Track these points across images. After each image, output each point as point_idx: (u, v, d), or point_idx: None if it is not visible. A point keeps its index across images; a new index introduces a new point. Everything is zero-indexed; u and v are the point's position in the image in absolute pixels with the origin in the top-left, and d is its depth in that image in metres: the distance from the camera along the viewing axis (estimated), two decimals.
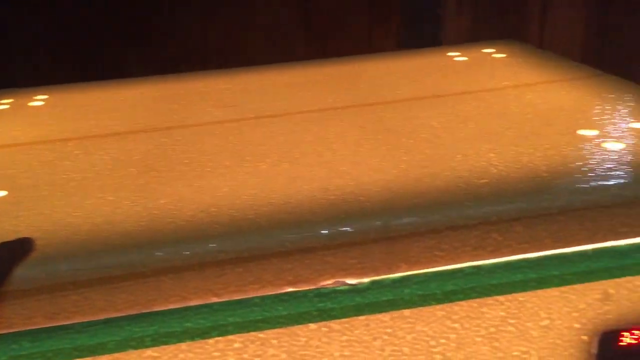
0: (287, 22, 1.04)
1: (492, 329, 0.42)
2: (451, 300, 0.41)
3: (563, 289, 0.41)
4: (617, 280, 0.42)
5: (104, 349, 0.37)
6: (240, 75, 0.72)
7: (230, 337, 0.39)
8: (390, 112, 0.57)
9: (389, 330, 0.41)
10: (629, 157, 0.43)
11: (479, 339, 0.42)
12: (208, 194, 0.43)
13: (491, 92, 0.60)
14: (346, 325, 0.40)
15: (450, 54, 0.74)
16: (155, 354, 0.38)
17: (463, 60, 0.71)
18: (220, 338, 0.39)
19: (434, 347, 0.41)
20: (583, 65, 0.66)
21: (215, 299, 0.38)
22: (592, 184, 0.41)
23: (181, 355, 0.38)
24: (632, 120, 0.50)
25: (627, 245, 0.41)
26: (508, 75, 0.64)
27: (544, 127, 0.50)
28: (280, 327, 0.39)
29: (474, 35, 1.02)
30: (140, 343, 0.38)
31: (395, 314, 0.40)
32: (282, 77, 0.70)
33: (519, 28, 1.03)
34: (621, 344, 0.44)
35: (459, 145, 0.48)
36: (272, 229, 0.38)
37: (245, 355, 0.39)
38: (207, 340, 0.39)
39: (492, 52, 0.74)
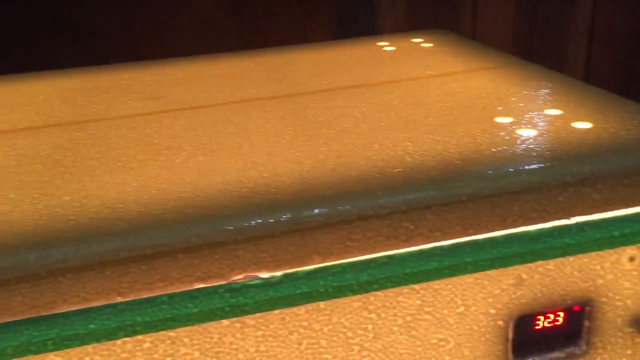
0: (217, 13, 1.02)
1: (409, 318, 0.42)
2: (367, 291, 0.40)
3: (477, 275, 0.42)
4: (530, 265, 0.42)
5: (2, 356, 0.35)
6: (165, 67, 0.70)
7: (139, 337, 0.37)
8: (313, 103, 0.56)
9: (304, 324, 0.40)
10: (541, 144, 0.44)
11: (396, 329, 0.42)
12: (115, 190, 0.41)
13: (415, 81, 0.60)
14: (260, 320, 0.39)
15: (379, 43, 0.74)
16: (59, 358, 0.36)
17: (391, 50, 0.71)
18: (128, 339, 0.37)
19: (352, 338, 0.41)
20: (507, 54, 0.67)
21: (120, 299, 0.36)
22: (503, 170, 0.41)
23: (87, 358, 0.37)
24: (548, 107, 0.51)
25: (537, 230, 0.42)
26: (433, 64, 0.65)
27: (461, 115, 0.50)
28: (192, 324, 0.38)
29: (409, 25, 1.03)
30: (41, 347, 0.36)
31: (311, 306, 0.40)
32: (208, 69, 0.68)
33: (453, 18, 1.04)
34: (537, 327, 0.45)
35: (377, 135, 0.48)
36: (178, 224, 0.37)
37: (156, 355, 0.38)
38: (114, 341, 0.37)
39: (420, 42, 0.74)
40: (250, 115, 0.54)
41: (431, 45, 0.72)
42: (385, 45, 0.73)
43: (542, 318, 0.44)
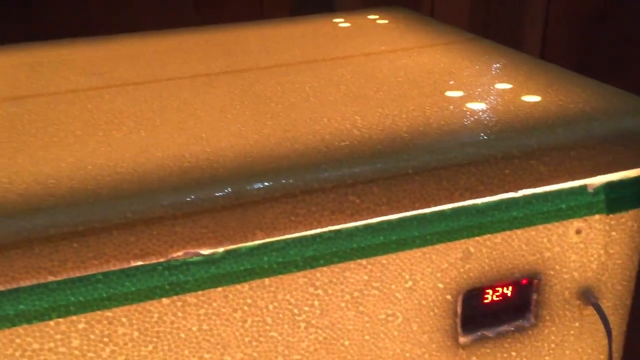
0: None
1: (357, 294, 0.41)
2: (312, 267, 0.40)
3: (425, 249, 0.41)
4: (477, 238, 0.42)
5: None
6: (112, 43, 0.67)
7: (73, 317, 0.36)
8: (263, 78, 0.54)
9: (249, 301, 0.39)
10: (489, 117, 0.44)
11: (343, 305, 0.41)
12: (49, 165, 0.39)
13: (368, 57, 0.59)
14: (202, 298, 0.38)
15: (335, 20, 0.73)
16: None
17: (346, 27, 0.70)
18: (61, 319, 0.36)
19: (298, 315, 0.40)
20: (462, 30, 0.67)
21: (51, 278, 0.35)
22: (449, 143, 0.40)
23: (18, 341, 0.35)
24: (498, 81, 0.51)
25: (485, 203, 0.41)
26: (387, 40, 0.64)
27: (412, 90, 0.49)
28: (129, 303, 0.37)
29: (368, 3, 1.01)
30: None
31: (255, 283, 0.39)
32: (157, 44, 0.66)
33: None
34: (485, 301, 0.45)
35: (327, 109, 0.47)
36: (113, 199, 0.35)
37: (92, 336, 0.37)
38: (47, 322, 0.36)
39: (376, 19, 0.73)
40: (198, 90, 0.52)
41: (386, 21, 0.71)
42: (341, 22, 0.72)
43: (490, 292, 0.44)
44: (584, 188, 0.43)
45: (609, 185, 0.43)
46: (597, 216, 0.44)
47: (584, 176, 0.43)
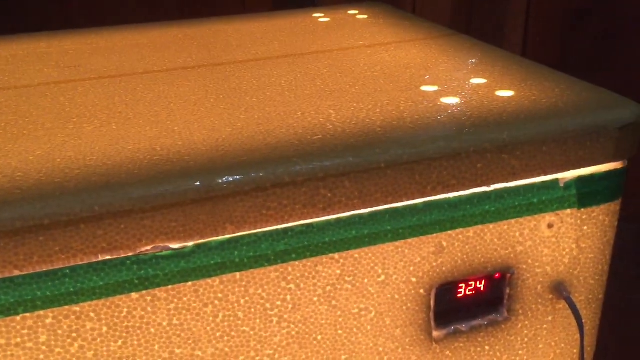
0: None
1: (329, 288, 0.41)
2: (284, 261, 0.39)
3: (397, 243, 0.41)
4: (450, 232, 0.42)
5: None
6: (88, 36, 0.66)
7: (40, 312, 0.35)
8: (240, 72, 0.54)
9: (220, 295, 0.39)
10: (462, 111, 0.44)
11: (316, 299, 0.41)
12: (17, 159, 0.39)
13: (345, 51, 0.59)
14: (173, 292, 0.38)
15: (315, 15, 0.73)
16: None
17: (325, 21, 0.70)
18: (28, 314, 0.35)
19: (270, 309, 0.40)
20: (441, 26, 0.67)
21: (17, 272, 0.34)
22: (422, 137, 0.40)
23: None
24: (473, 76, 0.51)
25: (457, 197, 0.42)
26: (366, 35, 0.64)
27: (387, 84, 0.49)
28: (98, 298, 0.36)
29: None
30: None
31: (226, 277, 0.38)
32: (133, 38, 0.66)
33: None
34: (458, 295, 0.45)
35: (301, 103, 0.46)
36: (81, 192, 0.35)
37: (60, 331, 0.36)
38: (13, 317, 0.35)
39: (356, 14, 0.73)
40: (173, 84, 0.52)
41: (366, 16, 0.71)
42: (320, 17, 0.72)
43: (463, 286, 0.44)
44: (555, 182, 0.43)
45: (581, 180, 0.44)
46: (568, 210, 0.44)
47: (556, 171, 0.43)
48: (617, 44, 1.05)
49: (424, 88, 0.48)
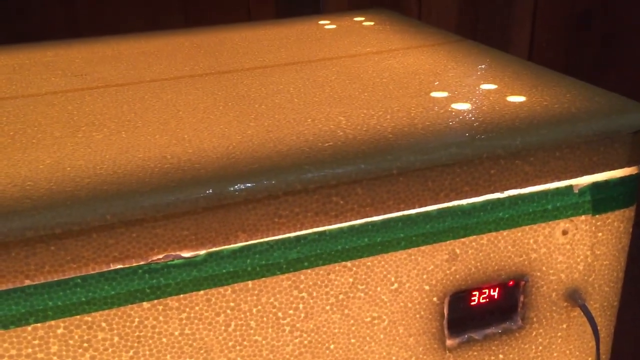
0: None
1: (342, 296, 0.41)
2: (297, 269, 0.39)
3: (410, 251, 0.41)
4: (463, 240, 0.42)
5: None
6: (94, 44, 0.66)
7: (52, 322, 0.35)
8: (247, 79, 0.54)
9: (232, 304, 0.38)
10: (474, 117, 0.43)
11: (328, 308, 0.40)
12: (26, 167, 0.38)
13: (353, 58, 0.58)
14: (184, 301, 0.37)
15: (321, 22, 0.73)
16: None
17: (332, 28, 0.70)
18: (39, 324, 0.35)
19: (282, 318, 0.40)
20: (447, 32, 0.67)
21: (28, 282, 0.34)
22: (434, 143, 0.40)
23: None
24: (483, 82, 0.50)
25: (470, 204, 0.41)
26: (373, 42, 0.64)
27: (397, 90, 0.49)
28: (109, 308, 0.36)
29: (354, 6, 1.01)
30: None
31: (238, 286, 0.38)
32: (140, 46, 0.65)
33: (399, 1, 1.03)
34: (472, 303, 0.44)
35: (311, 110, 0.46)
36: (92, 201, 0.34)
37: (71, 342, 0.36)
38: (24, 327, 0.35)
39: (362, 20, 0.73)
40: (181, 92, 0.52)
41: (372, 23, 0.71)
42: (327, 24, 0.72)
43: (477, 294, 0.44)
44: (569, 188, 0.43)
45: (595, 186, 0.43)
46: (583, 217, 0.44)
47: (570, 176, 0.43)
48: (623, 47, 1.05)
49: (434, 94, 0.48)
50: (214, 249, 0.37)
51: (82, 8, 1.00)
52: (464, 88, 0.49)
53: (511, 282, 0.44)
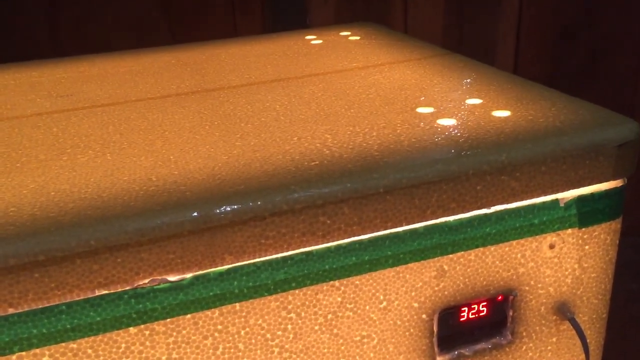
0: (146, 10, 0.99)
1: (330, 316, 0.40)
2: (284, 290, 0.39)
3: (398, 268, 0.41)
4: (451, 256, 0.42)
5: None
6: (79, 64, 0.66)
7: (36, 350, 0.35)
8: (234, 97, 0.54)
9: (220, 327, 0.38)
10: (460, 133, 0.44)
11: (317, 328, 0.40)
12: (10, 192, 0.38)
13: (339, 74, 0.58)
14: (171, 325, 0.37)
15: (307, 37, 0.73)
16: None
17: (318, 43, 0.70)
18: (23, 353, 0.34)
19: (271, 339, 0.39)
20: (434, 46, 0.67)
21: (11, 310, 0.33)
22: (420, 160, 0.40)
23: None
24: (469, 96, 0.51)
25: (457, 220, 0.41)
26: (359, 56, 0.64)
27: (383, 106, 0.49)
28: (95, 334, 0.35)
29: (340, 21, 1.02)
30: None
31: (225, 308, 0.38)
32: (125, 65, 0.65)
33: (385, 13, 1.04)
34: (461, 319, 0.44)
35: (297, 128, 0.46)
36: (76, 226, 0.34)
37: None
38: (8, 356, 0.34)
39: (348, 35, 0.73)
40: (167, 111, 0.52)
41: (358, 38, 0.71)
42: (313, 39, 0.72)
43: (466, 309, 0.44)
44: (556, 202, 0.43)
45: (581, 199, 0.43)
46: (569, 230, 0.44)
47: (556, 190, 0.43)
48: (607, 60, 1.06)
49: (420, 110, 0.48)
50: (201, 272, 0.37)
51: (67, 26, 1.00)
52: (450, 103, 0.49)
53: (500, 297, 0.44)
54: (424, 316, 0.43)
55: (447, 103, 0.49)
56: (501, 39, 1.02)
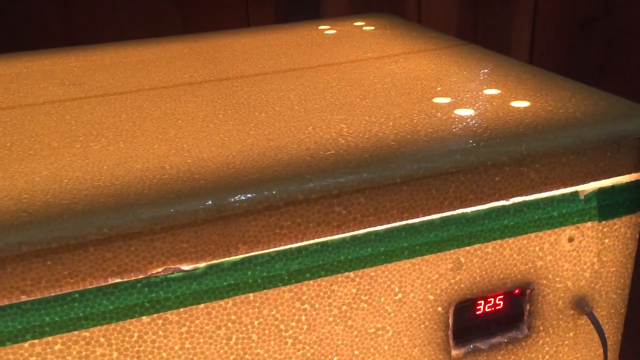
0: (159, 2, 0.98)
1: (345, 307, 0.40)
2: (299, 280, 0.38)
3: (414, 260, 0.40)
4: (468, 248, 0.41)
5: None
6: (92, 53, 0.66)
7: (49, 338, 0.34)
8: (247, 87, 0.53)
9: (233, 317, 0.38)
10: (478, 123, 0.43)
11: (331, 319, 0.40)
12: (23, 179, 0.38)
13: (353, 64, 0.58)
14: (184, 315, 0.37)
15: (321, 27, 0.72)
16: None
17: (332, 34, 0.69)
18: (36, 341, 0.34)
19: (285, 330, 0.39)
20: (449, 36, 0.66)
21: (24, 297, 0.33)
22: (438, 151, 0.39)
23: None
24: (486, 87, 0.50)
25: (475, 212, 0.40)
26: (373, 47, 0.63)
27: (399, 97, 0.48)
28: (108, 323, 0.35)
29: (354, 11, 1.01)
30: None
31: (239, 298, 0.37)
32: (138, 54, 0.65)
33: (398, 5, 1.03)
34: (477, 312, 0.43)
35: (312, 117, 0.45)
36: (89, 214, 0.34)
37: (69, 358, 0.35)
38: (21, 344, 0.34)
39: (362, 25, 0.72)
40: (180, 100, 0.51)
41: (373, 28, 0.70)
42: (327, 29, 0.71)
43: (482, 303, 0.43)
44: (575, 195, 0.42)
45: (601, 192, 0.42)
46: (589, 223, 0.43)
47: (576, 183, 0.42)
48: (624, 51, 1.04)
49: (437, 100, 0.47)
50: (214, 261, 0.36)
51: (79, 16, 0.99)
52: (467, 93, 0.49)
53: (517, 291, 0.43)
54: (439, 309, 0.42)
55: (464, 93, 0.49)
56: (516, 30, 1.01)
